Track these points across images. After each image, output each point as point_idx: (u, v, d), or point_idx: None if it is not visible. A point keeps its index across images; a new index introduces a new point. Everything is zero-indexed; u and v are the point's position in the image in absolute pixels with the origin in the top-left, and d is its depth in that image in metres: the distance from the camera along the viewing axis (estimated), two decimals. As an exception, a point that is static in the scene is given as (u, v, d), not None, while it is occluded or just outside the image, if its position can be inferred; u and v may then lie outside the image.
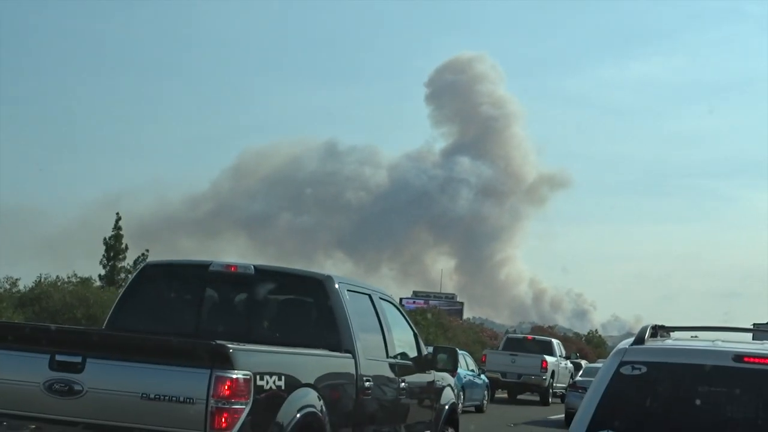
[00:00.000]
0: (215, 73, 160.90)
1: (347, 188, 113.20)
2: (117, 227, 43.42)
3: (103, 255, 43.01)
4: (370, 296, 10.24)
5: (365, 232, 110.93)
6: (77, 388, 7.34)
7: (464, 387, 29.30)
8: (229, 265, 9.68)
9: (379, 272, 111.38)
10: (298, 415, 7.92)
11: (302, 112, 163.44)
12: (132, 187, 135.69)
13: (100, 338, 8.02)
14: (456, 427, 11.88)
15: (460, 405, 27.84)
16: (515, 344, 39.47)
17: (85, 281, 39.60)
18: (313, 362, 8.59)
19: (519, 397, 39.27)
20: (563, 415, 28.57)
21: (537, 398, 38.71)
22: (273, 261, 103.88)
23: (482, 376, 32.38)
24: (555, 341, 41.51)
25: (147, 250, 44.22)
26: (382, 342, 10.08)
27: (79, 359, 7.37)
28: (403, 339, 10.77)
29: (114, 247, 42.91)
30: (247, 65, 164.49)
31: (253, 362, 7.46)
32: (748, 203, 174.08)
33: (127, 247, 43.08)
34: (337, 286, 9.50)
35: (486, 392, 32.09)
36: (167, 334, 8.65)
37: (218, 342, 7.37)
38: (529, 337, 43.12)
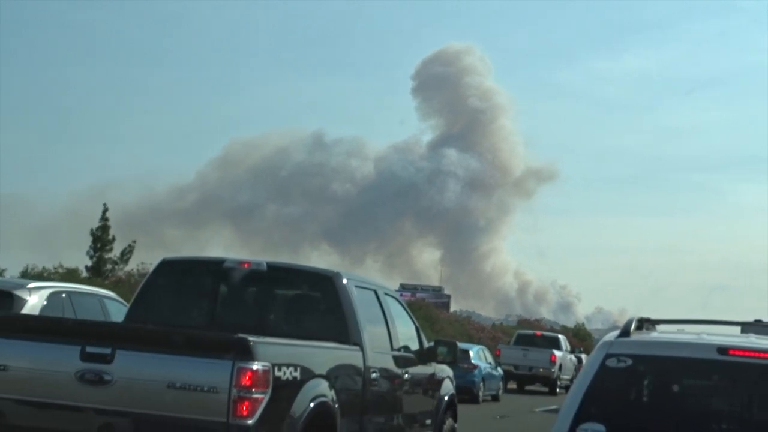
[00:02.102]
0: (202, 64, 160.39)
1: (334, 180, 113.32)
2: (104, 218, 43.58)
3: (90, 246, 43.18)
4: (375, 291, 10.81)
5: (351, 223, 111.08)
6: (107, 377, 7.84)
7: (484, 378, 32.78)
8: (242, 262, 10.20)
9: (365, 264, 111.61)
10: (311, 405, 8.43)
11: (290, 103, 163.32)
12: (118, 177, 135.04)
13: (128, 331, 8.55)
14: (455, 416, 12.45)
15: (480, 394, 31.74)
16: (526, 340, 43.62)
17: (72, 272, 39.69)
18: (325, 354, 9.13)
19: (527, 387, 42.48)
20: None
21: (546, 389, 41.86)
22: (259, 252, 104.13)
23: (498, 369, 35.85)
24: (561, 337, 46.01)
25: (134, 241, 44.39)
26: (386, 335, 10.65)
27: (108, 351, 7.87)
28: (406, 332, 11.33)
29: (101, 238, 43.03)
30: (234, 56, 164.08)
31: (272, 354, 7.97)
32: (736, 197, 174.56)
33: (114, 238, 43.22)
34: (345, 281, 10.05)
35: (501, 383, 35.79)
36: (183, 327, 9.19)
37: (240, 335, 7.86)
38: (538, 333, 47.06)
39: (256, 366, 7.72)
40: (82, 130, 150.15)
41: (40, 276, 37.45)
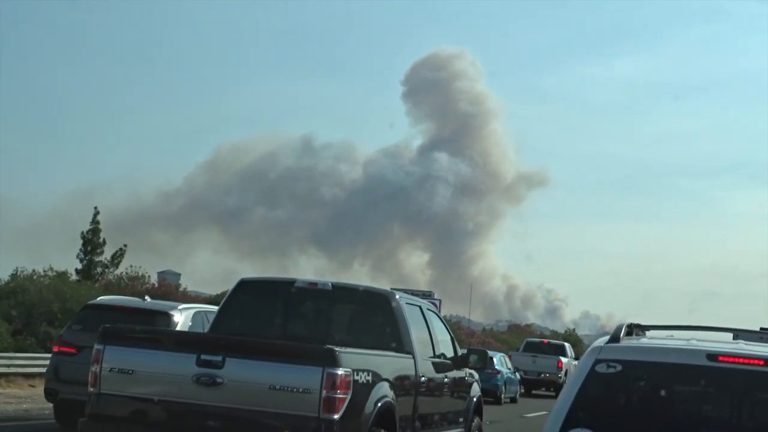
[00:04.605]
0: (191, 67, 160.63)
1: (322, 184, 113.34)
2: (95, 221, 43.54)
3: (81, 249, 43.08)
4: (420, 307, 12.65)
5: (340, 227, 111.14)
6: (219, 380, 9.61)
7: (505, 382, 36.20)
8: (311, 282, 12.04)
9: (352, 268, 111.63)
10: (379, 404, 10.25)
11: (279, 107, 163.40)
12: (105, 180, 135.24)
13: (236, 342, 10.27)
14: (480, 416, 14.29)
15: (502, 396, 35.09)
16: (534, 347, 47.22)
17: (62, 275, 39.59)
18: (387, 361, 10.93)
19: (533, 392, 45.53)
20: None
21: (553, 393, 44.16)
22: (247, 256, 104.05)
23: (516, 374, 39.37)
24: (567, 344, 49.72)
25: (125, 245, 44.31)
26: (430, 344, 12.46)
27: (220, 358, 9.63)
28: (443, 341, 13.12)
29: (92, 241, 43.00)
30: (223, 59, 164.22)
31: (352, 361, 9.79)
32: (725, 203, 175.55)
33: (104, 242, 43.21)
34: (398, 298, 11.95)
35: (519, 387, 39.48)
36: (260, 338, 11.01)
37: (328, 346, 9.69)
38: (545, 341, 51.13)
39: (341, 371, 9.50)
40: (68, 133, 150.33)
41: (31, 278, 37.53)
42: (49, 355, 27.84)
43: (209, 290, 59.97)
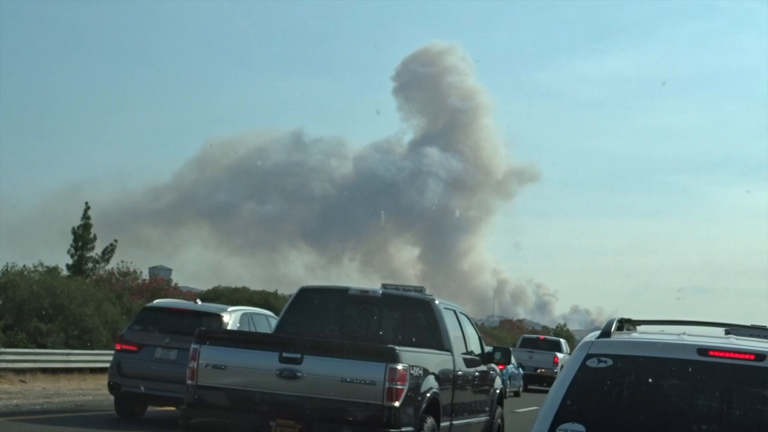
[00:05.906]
0: (181, 64, 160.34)
1: (312, 179, 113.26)
2: (86, 216, 43.53)
3: (71, 244, 43.08)
4: (454, 311, 14.72)
5: (329, 222, 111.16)
6: (298, 374, 11.61)
7: (510, 377, 37.95)
8: (363, 290, 14.17)
9: (341, 262, 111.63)
10: (428, 394, 12.28)
11: (269, 102, 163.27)
12: (93, 176, 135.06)
13: (312, 342, 12.20)
14: (502, 406, 16.31)
15: (506, 391, 35.81)
16: (530, 343, 49.14)
17: (52, 270, 39.48)
18: (433, 358, 12.90)
19: (529, 386, 47.05)
20: None
21: (548, 388, 42.55)
22: (236, 251, 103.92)
23: (519, 369, 41.32)
24: (562, 340, 51.64)
25: (116, 240, 44.53)
26: (463, 342, 14.48)
27: (299, 355, 11.63)
28: (473, 339, 15.15)
29: (82, 237, 42.99)
30: (213, 55, 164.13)
31: (409, 358, 11.76)
32: (718, 199, 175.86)
33: (95, 237, 43.18)
34: (438, 303, 14.01)
35: (521, 381, 41.38)
36: (322, 338, 13.00)
37: (390, 345, 11.74)
38: (541, 337, 53.38)
39: (400, 366, 11.49)
40: (57, 129, 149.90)
41: (21, 274, 37.40)
42: (39, 350, 28.38)
43: (200, 285, 60.26)
